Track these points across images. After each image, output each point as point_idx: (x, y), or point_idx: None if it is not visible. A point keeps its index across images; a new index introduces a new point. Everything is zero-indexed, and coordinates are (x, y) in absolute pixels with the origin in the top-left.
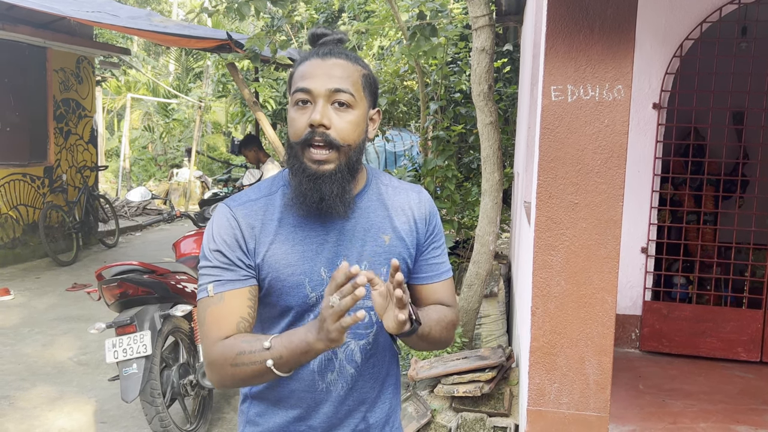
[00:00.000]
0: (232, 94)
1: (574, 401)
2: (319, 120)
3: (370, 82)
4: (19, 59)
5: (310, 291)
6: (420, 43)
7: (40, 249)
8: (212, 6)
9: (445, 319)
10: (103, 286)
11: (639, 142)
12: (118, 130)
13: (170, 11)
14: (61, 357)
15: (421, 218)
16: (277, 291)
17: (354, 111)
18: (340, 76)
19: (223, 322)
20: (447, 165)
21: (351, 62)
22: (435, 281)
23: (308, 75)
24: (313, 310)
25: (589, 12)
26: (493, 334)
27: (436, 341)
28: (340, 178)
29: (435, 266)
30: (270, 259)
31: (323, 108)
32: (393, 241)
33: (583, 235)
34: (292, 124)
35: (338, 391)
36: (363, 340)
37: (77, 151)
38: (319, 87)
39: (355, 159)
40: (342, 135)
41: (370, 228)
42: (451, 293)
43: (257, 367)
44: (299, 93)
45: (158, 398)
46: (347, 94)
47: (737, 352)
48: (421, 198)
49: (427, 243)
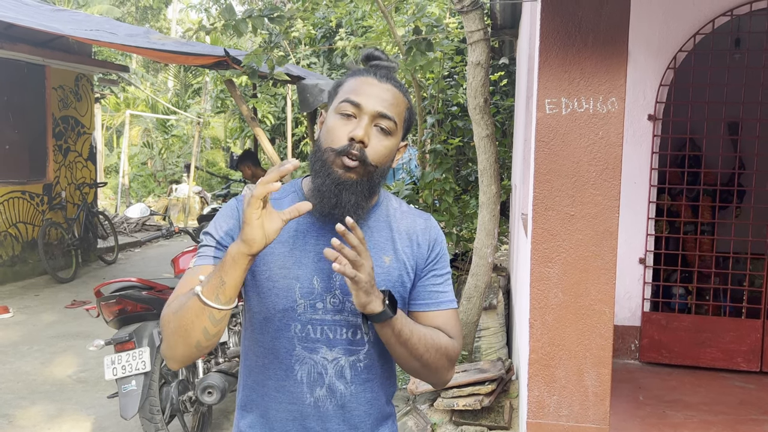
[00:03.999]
0: (231, 109)
1: (574, 413)
2: (362, 137)
3: (410, 116)
4: (18, 77)
5: (298, 297)
6: (416, 57)
7: (40, 266)
8: (210, 23)
9: (439, 342)
10: (101, 302)
11: (635, 154)
12: (117, 147)
13: (169, 28)
14: (61, 374)
15: (424, 243)
16: (266, 291)
17: (392, 138)
18: (390, 102)
19: (183, 289)
20: (445, 178)
21: (402, 93)
22: (433, 309)
23: (361, 91)
24: (301, 318)
25: (582, 25)
26: (492, 347)
27: (422, 359)
28: (359, 191)
29: (434, 294)
30: (265, 257)
31: (367, 126)
32: (393, 263)
33: (580, 246)
34: (332, 131)
35: (327, 408)
36: (353, 357)
37: (76, 168)
38: (370, 106)
39: (377, 181)
40: (375, 156)
41: (372, 247)
42: (452, 326)
43: (191, 303)
44: (348, 105)
45: (157, 415)
46: (392, 121)
47: (737, 362)
48: (428, 225)
49: (427, 269)
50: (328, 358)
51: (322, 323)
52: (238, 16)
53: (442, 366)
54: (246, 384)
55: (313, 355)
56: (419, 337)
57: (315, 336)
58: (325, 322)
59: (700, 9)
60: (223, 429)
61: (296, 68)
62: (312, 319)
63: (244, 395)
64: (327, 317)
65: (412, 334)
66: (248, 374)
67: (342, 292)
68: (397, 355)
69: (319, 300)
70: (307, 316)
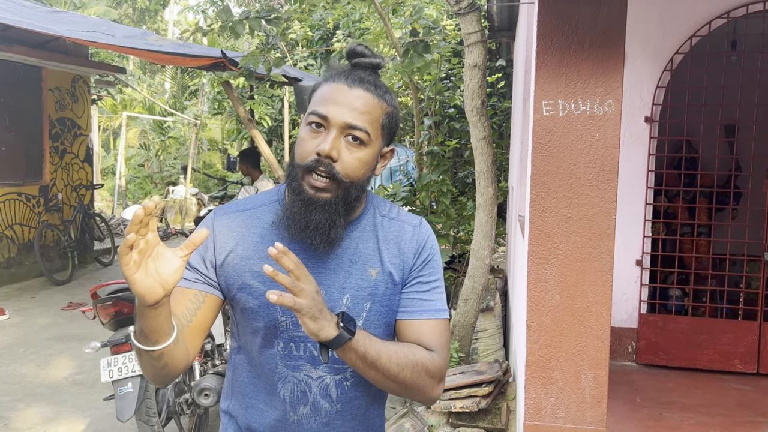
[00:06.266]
0: (228, 111)
1: (571, 415)
2: (327, 151)
3: (390, 121)
4: (14, 79)
5: (279, 315)
6: (413, 59)
7: (36, 268)
8: (207, 25)
9: (414, 359)
10: (98, 305)
11: (632, 156)
12: (114, 148)
13: (166, 30)
14: (57, 377)
15: (410, 250)
16: (248, 308)
17: (366, 149)
18: (361, 110)
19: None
20: (442, 180)
21: (377, 98)
22: (415, 318)
23: (329, 100)
24: (283, 336)
25: (579, 28)
26: (489, 349)
27: (398, 379)
28: (332, 210)
29: (417, 302)
30: (244, 275)
31: (334, 140)
32: (380, 276)
33: (577, 248)
34: (301, 144)
35: (311, 426)
36: (339, 375)
37: (73, 170)
38: (336, 117)
39: (355, 196)
40: (347, 171)
41: (357, 260)
42: (435, 338)
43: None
44: (314, 116)
45: (154, 417)
46: (363, 132)
47: (734, 364)
48: (416, 231)
49: (412, 275)
50: (312, 376)
51: (305, 340)
52: (235, 17)
53: (424, 384)
54: (233, 390)
55: (296, 373)
56: (389, 356)
57: (298, 353)
58: (309, 339)
59: (696, 11)
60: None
61: (293, 70)
62: (295, 337)
63: (229, 403)
64: None
65: (380, 354)
66: (234, 381)
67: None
68: (370, 378)
69: None
70: (289, 334)
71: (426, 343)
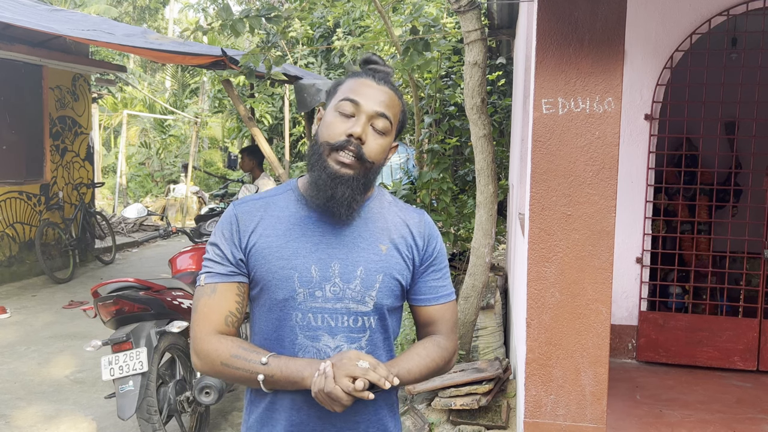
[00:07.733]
0: (228, 109)
1: (571, 413)
2: (359, 133)
3: (402, 118)
4: (15, 77)
5: (297, 286)
6: (413, 57)
7: (37, 267)
8: (207, 23)
9: (433, 358)
10: (99, 303)
11: (632, 153)
12: (114, 147)
13: (166, 28)
14: (58, 375)
15: (419, 236)
16: (266, 283)
17: (386, 138)
18: (387, 104)
19: (212, 315)
20: (442, 178)
21: (397, 97)
22: (433, 304)
23: (360, 92)
24: (301, 307)
25: (578, 25)
26: (490, 346)
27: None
28: (354, 185)
29: (434, 288)
30: (264, 251)
31: (365, 124)
32: (390, 252)
33: (577, 246)
34: (331, 127)
35: None
36: (355, 344)
37: (73, 169)
38: (368, 106)
39: (372, 177)
40: (371, 153)
41: (368, 236)
42: (449, 317)
43: (246, 375)
44: (347, 103)
45: (155, 415)
46: (388, 121)
47: (734, 361)
48: (422, 219)
49: (426, 265)
50: (330, 346)
51: (323, 311)
52: (236, 15)
53: (441, 369)
54: None
55: (315, 343)
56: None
57: (316, 324)
58: (326, 310)
59: (696, 9)
60: (220, 429)
61: (294, 68)
62: (312, 308)
63: (252, 390)
64: (327, 305)
65: (410, 374)
66: None
67: (342, 280)
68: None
69: (317, 288)
70: (307, 305)
71: (441, 325)
